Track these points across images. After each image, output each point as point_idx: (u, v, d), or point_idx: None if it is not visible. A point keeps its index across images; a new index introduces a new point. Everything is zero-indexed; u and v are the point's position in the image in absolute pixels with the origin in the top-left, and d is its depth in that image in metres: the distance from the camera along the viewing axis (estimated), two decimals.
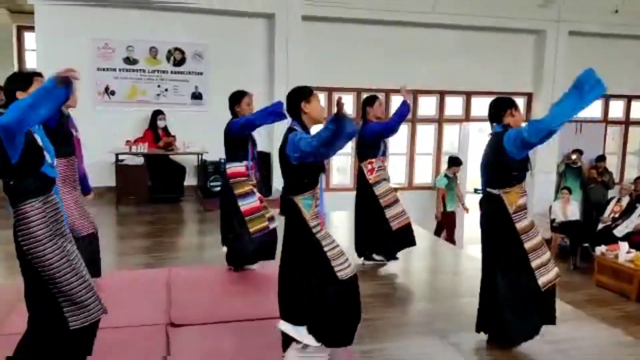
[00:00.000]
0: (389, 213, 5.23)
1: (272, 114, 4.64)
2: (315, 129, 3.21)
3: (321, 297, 3.10)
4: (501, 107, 3.75)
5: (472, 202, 8.75)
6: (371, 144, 5.30)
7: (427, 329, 4.15)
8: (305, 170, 3.13)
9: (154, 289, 4.58)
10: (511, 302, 3.57)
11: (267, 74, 9.12)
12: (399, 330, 4.12)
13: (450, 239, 9.46)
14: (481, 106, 10.74)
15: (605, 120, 11.11)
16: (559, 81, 10.21)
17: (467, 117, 10.29)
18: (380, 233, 5.30)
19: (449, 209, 9.53)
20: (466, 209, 9.75)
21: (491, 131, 3.81)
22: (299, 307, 3.10)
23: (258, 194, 4.78)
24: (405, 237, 5.36)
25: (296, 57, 8.98)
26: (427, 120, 10.24)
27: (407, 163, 10.24)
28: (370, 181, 5.29)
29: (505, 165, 3.60)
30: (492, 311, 3.68)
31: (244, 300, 4.36)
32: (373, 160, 5.33)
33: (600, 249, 8.57)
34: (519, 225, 3.60)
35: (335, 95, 9.65)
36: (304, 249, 3.13)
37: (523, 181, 3.69)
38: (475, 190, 13.03)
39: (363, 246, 5.48)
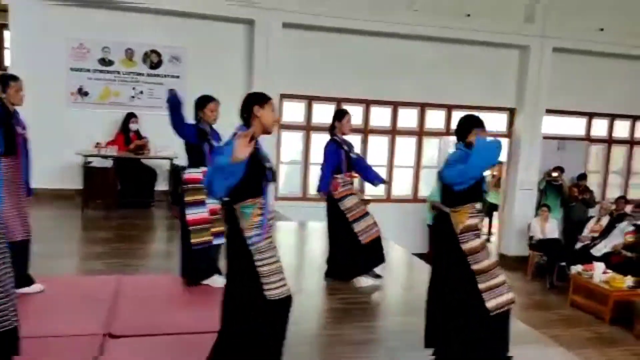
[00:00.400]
0: (357, 227, 5.11)
1: (171, 108, 4.53)
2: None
3: (243, 313, 2.96)
4: (468, 125, 3.65)
5: None
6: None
7: (378, 346, 4.01)
8: (247, 177, 2.98)
9: (99, 297, 4.40)
10: (456, 321, 3.43)
11: (245, 81, 9.00)
12: (349, 348, 3.96)
13: None
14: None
15: (588, 138, 11.02)
16: (542, 97, 10.15)
17: (447, 130, 10.18)
18: (352, 247, 5.16)
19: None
20: None
21: (454, 148, 3.71)
22: (225, 318, 2.98)
23: (212, 205, 4.61)
24: (375, 253, 5.22)
25: (276, 64, 8.86)
26: (407, 133, 10.12)
27: (387, 175, 10.09)
28: (335, 196, 5.16)
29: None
30: (437, 327, 3.56)
31: (190, 313, 4.19)
32: (338, 175, 5.19)
33: (576, 269, 8.46)
34: (466, 246, 3.46)
35: (315, 105, 9.56)
36: (238, 260, 2.99)
37: (476, 202, 3.55)
38: None
39: (341, 266, 5.32)
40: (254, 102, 3.09)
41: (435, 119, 10.28)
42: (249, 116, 3.08)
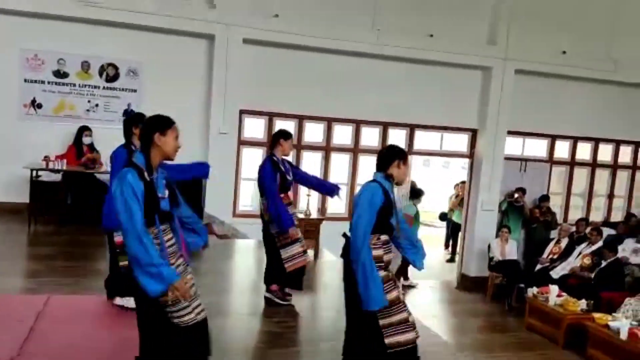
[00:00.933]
0: (284, 254, 5.01)
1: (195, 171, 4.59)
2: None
3: (157, 340, 2.87)
4: (391, 156, 3.61)
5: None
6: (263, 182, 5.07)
7: None
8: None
9: (20, 318, 4.25)
10: (356, 355, 3.35)
11: (204, 96, 8.90)
12: None
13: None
14: (425, 139, 10.69)
15: (551, 161, 11.08)
16: (504, 119, 10.19)
17: (409, 149, 10.17)
18: (278, 269, 5.07)
19: None
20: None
21: (373, 177, 3.65)
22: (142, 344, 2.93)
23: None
24: (294, 280, 5.13)
25: (236, 80, 8.78)
26: (369, 152, 10.07)
27: (348, 193, 10.03)
28: (266, 218, 5.06)
29: None
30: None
31: (112, 336, 4.06)
32: None
33: (532, 291, 8.43)
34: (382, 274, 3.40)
35: (277, 122, 9.48)
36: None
37: (382, 234, 3.51)
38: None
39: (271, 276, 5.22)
40: (154, 129, 2.94)
41: (397, 138, 10.25)
42: (148, 143, 2.94)
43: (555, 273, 9.51)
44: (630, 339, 6.78)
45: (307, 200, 8.12)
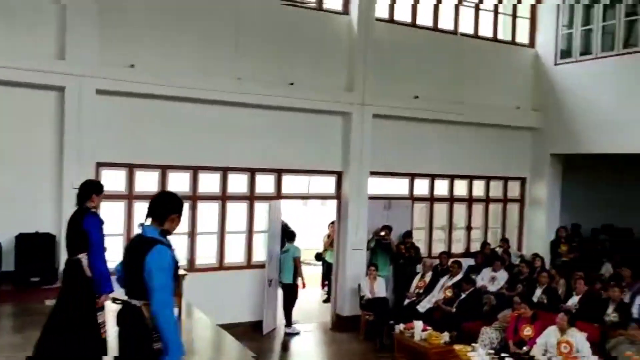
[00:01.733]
0: (101, 318, 4.75)
1: None
2: None
3: None
4: (169, 209, 3.36)
5: None
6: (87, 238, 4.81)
7: None
8: None
9: None
10: None
11: (56, 150, 8.39)
12: None
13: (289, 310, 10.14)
14: (294, 182, 10.84)
15: (412, 198, 11.65)
16: (366, 160, 10.59)
17: (278, 194, 10.25)
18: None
19: (285, 280, 10.26)
20: (304, 284, 10.51)
21: (140, 230, 3.43)
22: None
23: None
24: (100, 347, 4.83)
25: (90, 132, 8.41)
26: (238, 198, 10.03)
27: (218, 242, 9.87)
28: (88, 274, 4.76)
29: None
30: None
31: None
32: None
33: (399, 327, 8.68)
34: (158, 346, 3.18)
35: (137, 173, 9.16)
36: None
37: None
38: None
39: None
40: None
41: (266, 183, 10.31)
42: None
43: (422, 307, 9.91)
44: None
45: None
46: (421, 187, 11.81)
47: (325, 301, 12.12)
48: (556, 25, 12.24)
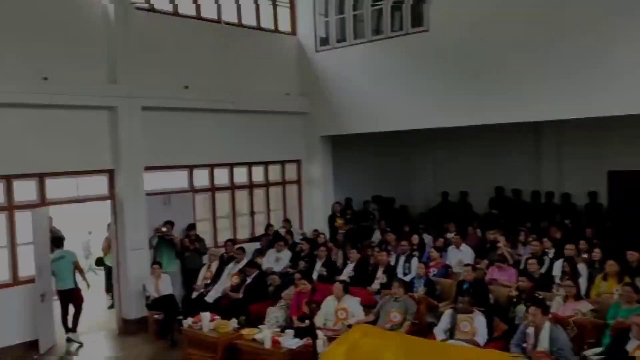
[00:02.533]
0: None
1: None
2: None
3: None
4: None
5: None
6: None
7: None
8: None
9: None
10: None
11: None
12: None
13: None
14: (61, 187, 9.97)
15: (192, 189, 11.52)
16: (138, 155, 10.15)
17: (43, 201, 9.35)
18: None
19: (67, 287, 9.64)
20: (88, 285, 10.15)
21: None
22: None
23: None
24: None
25: None
26: (25, 207, 9.00)
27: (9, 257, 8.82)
28: None
29: None
30: None
31: None
32: None
33: (187, 322, 8.53)
34: None
35: None
36: None
37: None
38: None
39: None
40: None
41: (26, 190, 9.31)
42: None
43: (210, 297, 9.90)
44: (274, 347, 7.41)
45: None
46: (201, 178, 11.72)
47: (111, 307, 11.46)
48: (314, 14, 12.95)
